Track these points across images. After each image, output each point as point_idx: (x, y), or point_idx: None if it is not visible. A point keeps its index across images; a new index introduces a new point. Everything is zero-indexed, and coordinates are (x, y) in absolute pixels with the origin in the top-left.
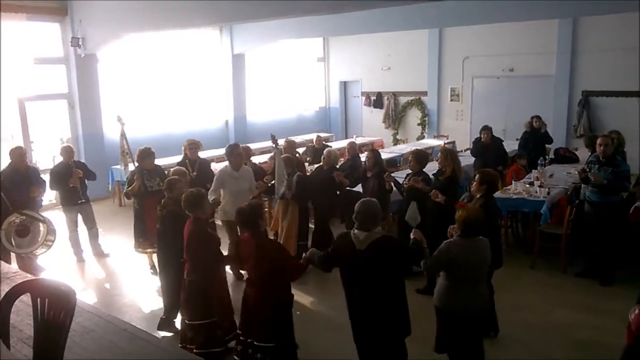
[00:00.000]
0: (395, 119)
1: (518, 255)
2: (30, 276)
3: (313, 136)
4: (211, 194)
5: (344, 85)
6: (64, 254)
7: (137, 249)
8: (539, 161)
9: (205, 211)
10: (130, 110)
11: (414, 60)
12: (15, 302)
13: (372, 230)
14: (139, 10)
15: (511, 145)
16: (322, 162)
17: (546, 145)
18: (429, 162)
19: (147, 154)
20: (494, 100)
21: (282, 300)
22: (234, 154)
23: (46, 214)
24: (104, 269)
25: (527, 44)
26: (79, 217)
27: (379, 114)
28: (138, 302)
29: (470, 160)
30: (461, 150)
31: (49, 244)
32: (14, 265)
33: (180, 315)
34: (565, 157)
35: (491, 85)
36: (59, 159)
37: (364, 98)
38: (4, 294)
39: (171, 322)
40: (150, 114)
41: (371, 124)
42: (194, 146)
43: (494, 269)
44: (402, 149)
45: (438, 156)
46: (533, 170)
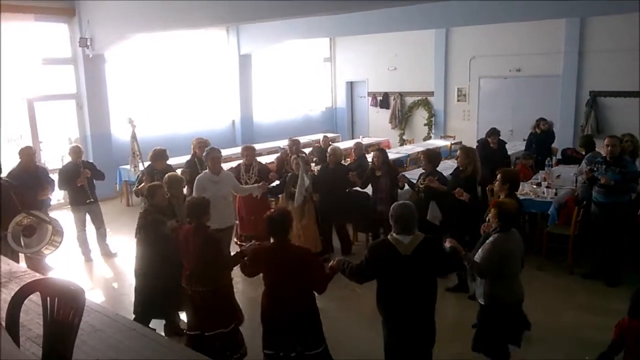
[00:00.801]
0: (401, 119)
1: (525, 256)
2: (39, 275)
3: (319, 136)
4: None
5: (351, 86)
6: (72, 254)
7: None
8: (546, 162)
9: (209, 217)
10: (138, 111)
11: (421, 60)
12: (24, 301)
13: (415, 233)
14: (147, 11)
15: (518, 146)
16: (327, 160)
17: (552, 145)
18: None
19: (160, 155)
20: (501, 101)
21: (312, 308)
22: (210, 158)
23: (54, 213)
24: (112, 268)
25: (534, 44)
26: (87, 217)
27: (386, 114)
28: None
29: None
30: None
31: (56, 244)
32: (23, 265)
33: (189, 329)
34: (572, 157)
35: (498, 86)
36: (68, 159)
37: (370, 98)
38: (14, 293)
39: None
40: (158, 114)
41: (377, 125)
42: (203, 145)
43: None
44: (408, 149)
45: (457, 155)
46: (540, 171)
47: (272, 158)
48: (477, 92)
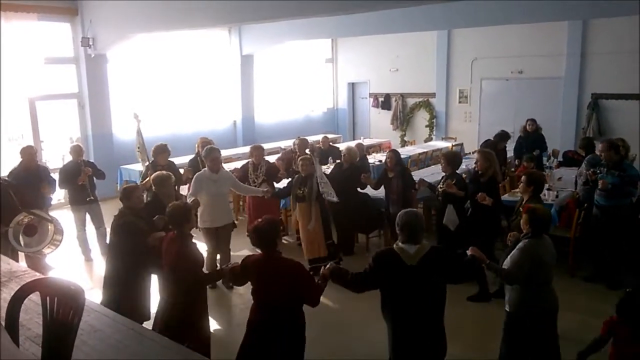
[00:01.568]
0: (403, 120)
1: None
2: (39, 275)
3: (321, 137)
4: (190, 197)
5: (352, 87)
6: (72, 253)
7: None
8: (547, 163)
9: (192, 225)
10: (140, 111)
11: (422, 61)
12: (24, 301)
13: (421, 243)
14: (149, 11)
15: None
16: (342, 160)
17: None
18: (438, 164)
19: (162, 150)
20: (503, 102)
21: (300, 322)
22: (210, 158)
23: (55, 213)
24: None
25: (537, 46)
26: (87, 217)
27: (387, 115)
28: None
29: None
30: (469, 153)
31: (57, 243)
32: (23, 264)
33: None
34: (573, 159)
35: (500, 87)
36: (69, 158)
37: (371, 99)
38: (14, 292)
39: None
40: (159, 114)
41: (379, 126)
42: (206, 144)
43: None
44: (409, 150)
45: (476, 159)
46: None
47: (272, 159)
48: (479, 93)
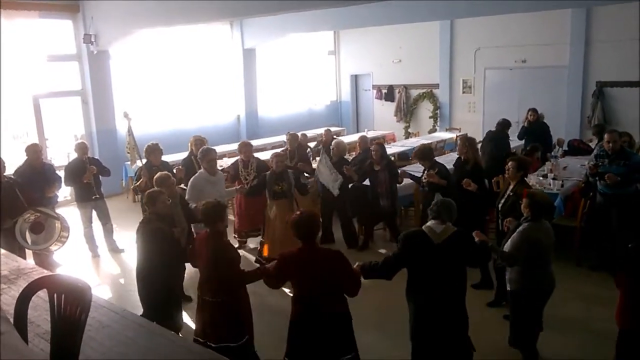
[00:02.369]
0: (406, 112)
1: None
2: (46, 272)
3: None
4: (191, 202)
5: (355, 79)
6: (79, 250)
7: None
8: (552, 153)
9: (225, 223)
10: (143, 106)
11: (425, 52)
12: (32, 298)
13: (448, 225)
14: (150, 6)
15: None
16: (331, 154)
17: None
18: (443, 155)
19: (154, 149)
20: (507, 92)
21: (345, 310)
22: (207, 160)
23: (61, 210)
24: (119, 264)
25: (540, 35)
26: (94, 213)
27: (391, 107)
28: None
29: None
30: None
31: (63, 240)
32: (30, 261)
33: (195, 335)
34: (579, 148)
35: (503, 77)
36: (74, 155)
37: (375, 91)
38: (22, 289)
39: None
40: (162, 109)
41: (382, 118)
42: (200, 142)
43: None
44: (413, 142)
45: (457, 145)
46: (547, 163)
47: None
48: (483, 83)
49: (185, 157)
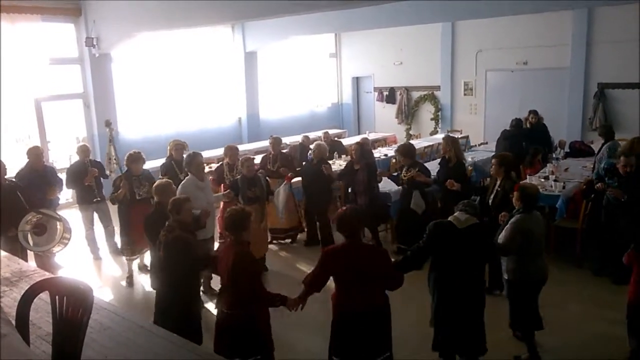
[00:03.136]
0: (408, 114)
1: None
2: (48, 274)
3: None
4: None
5: (356, 81)
6: (81, 252)
7: (128, 257)
8: (554, 154)
9: (250, 232)
10: (144, 109)
11: (427, 54)
12: (34, 300)
13: (471, 216)
14: (152, 10)
15: None
16: (312, 155)
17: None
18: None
19: (136, 158)
20: (508, 94)
21: (385, 309)
22: (195, 164)
23: (63, 212)
24: (120, 266)
25: (541, 36)
26: (95, 216)
27: (392, 109)
28: (154, 300)
29: (488, 154)
30: (475, 145)
31: (65, 242)
32: (32, 263)
33: (215, 348)
34: (580, 150)
35: (505, 79)
36: (75, 158)
37: (376, 93)
38: (24, 291)
39: None
40: (164, 112)
41: (384, 120)
42: (180, 147)
43: None
44: (415, 144)
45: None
46: (548, 165)
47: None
48: (484, 85)
49: (165, 162)
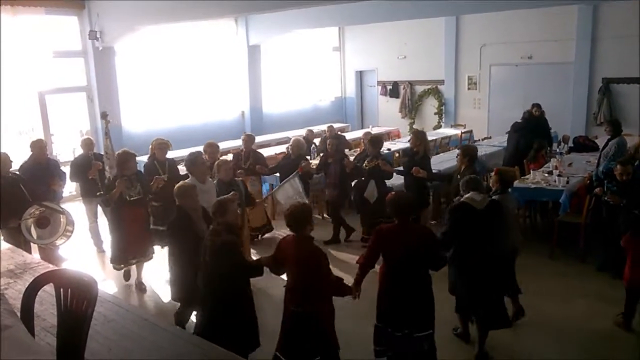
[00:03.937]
0: (411, 108)
1: (536, 245)
2: (52, 266)
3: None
4: None
5: (360, 75)
6: (85, 245)
7: (116, 266)
8: (558, 150)
9: (312, 227)
10: (147, 102)
11: (431, 48)
12: (39, 292)
13: (484, 194)
14: (155, 3)
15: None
16: (290, 151)
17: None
18: (448, 152)
19: (127, 158)
20: (512, 89)
21: (428, 288)
22: (197, 165)
23: (66, 205)
24: None
25: (546, 31)
26: (99, 209)
27: (395, 103)
28: (157, 293)
29: (492, 149)
30: (478, 140)
31: (68, 235)
32: (36, 256)
33: (277, 348)
34: (584, 145)
35: (509, 73)
36: (79, 151)
37: (380, 87)
38: (28, 284)
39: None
40: (167, 105)
41: (387, 114)
42: (164, 146)
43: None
44: None
45: (410, 137)
46: (552, 159)
47: (282, 148)
48: (488, 80)
49: (147, 162)
